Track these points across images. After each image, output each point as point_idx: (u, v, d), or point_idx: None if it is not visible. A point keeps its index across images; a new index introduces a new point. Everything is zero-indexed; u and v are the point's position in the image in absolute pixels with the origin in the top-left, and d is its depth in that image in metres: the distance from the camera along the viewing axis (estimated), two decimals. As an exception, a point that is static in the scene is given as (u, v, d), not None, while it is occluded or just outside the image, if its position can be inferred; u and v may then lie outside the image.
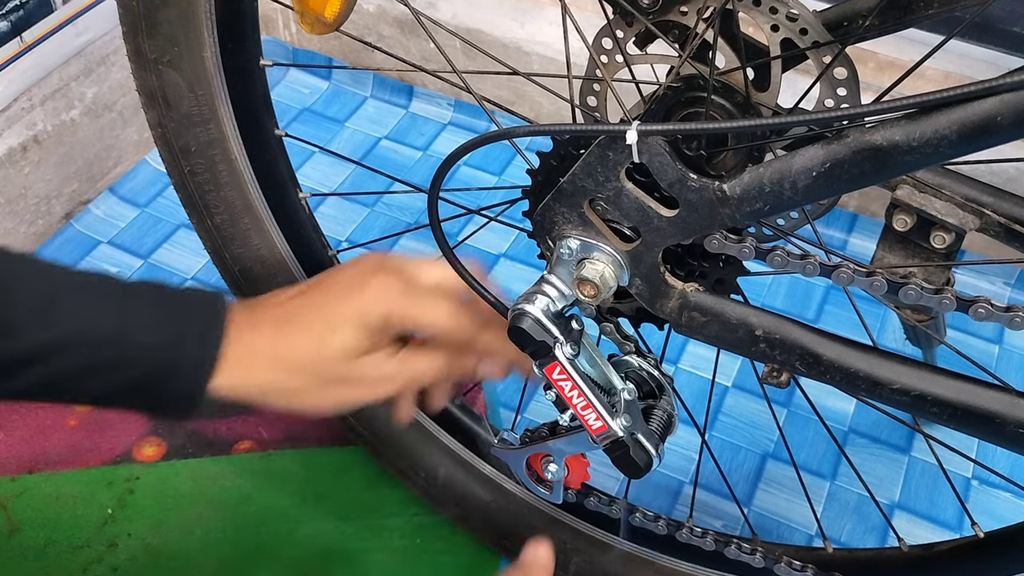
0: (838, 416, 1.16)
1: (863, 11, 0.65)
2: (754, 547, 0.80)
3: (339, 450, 1.11)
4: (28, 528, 1.04)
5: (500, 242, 1.33)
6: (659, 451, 0.66)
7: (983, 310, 0.57)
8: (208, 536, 1.04)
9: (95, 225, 1.36)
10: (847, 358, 0.61)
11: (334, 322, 0.68)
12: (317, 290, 0.71)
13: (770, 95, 0.64)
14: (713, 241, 0.60)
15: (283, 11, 1.58)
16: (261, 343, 0.69)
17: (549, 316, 0.62)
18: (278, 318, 0.70)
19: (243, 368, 0.69)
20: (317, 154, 1.44)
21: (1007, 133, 0.49)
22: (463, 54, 1.43)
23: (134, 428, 1.12)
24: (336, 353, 0.69)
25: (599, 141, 0.59)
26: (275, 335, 0.69)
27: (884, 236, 0.76)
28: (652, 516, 0.82)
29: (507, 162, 1.45)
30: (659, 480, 1.10)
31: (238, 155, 0.83)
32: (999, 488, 1.10)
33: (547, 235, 0.64)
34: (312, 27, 0.70)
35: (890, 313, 1.24)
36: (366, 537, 1.04)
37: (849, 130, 0.53)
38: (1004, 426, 0.58)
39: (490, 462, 0.97)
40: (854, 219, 1.37)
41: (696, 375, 1.19)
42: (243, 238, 0.88)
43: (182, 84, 0.78)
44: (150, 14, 0.75)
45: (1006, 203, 0.74)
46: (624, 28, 0.67)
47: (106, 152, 1.41)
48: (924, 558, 0.80)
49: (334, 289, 0.70)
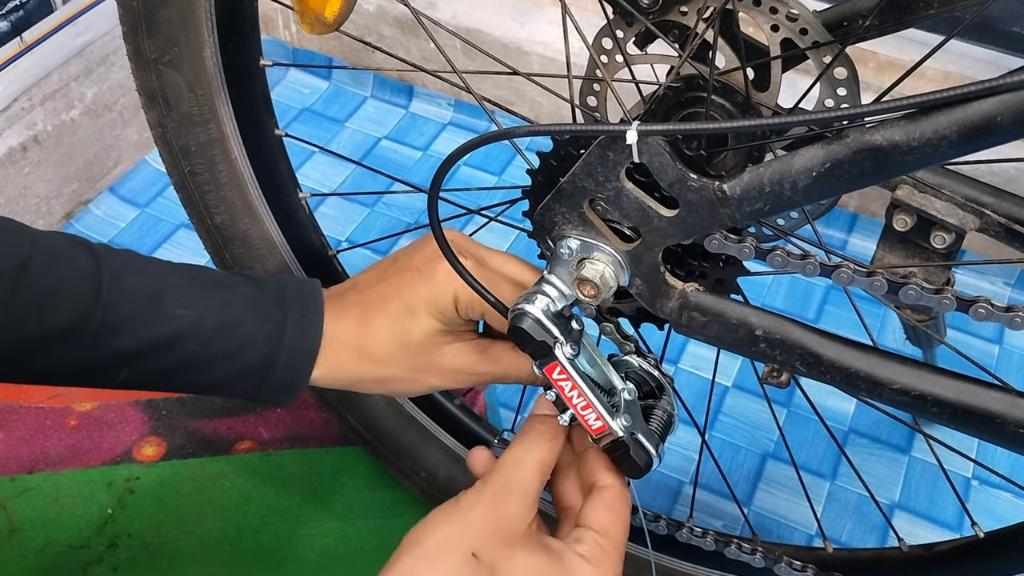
0: (838, 416, 1.16)
1: (863, 11, 0.65)
2: (754, 547, 0.80)
3: (339, 450, 1.11)
4: (28, 528, 1.04)
5: (500, 242, 1.33)
6: (659, 451, 0.66)
7: (983, 310, 0.57)
8: (208, 536, 1.04)
9: (95, 225, 1.36)
10: (847, 358, 0.61)
11: (411, 308, 0.69)
12: (394, 273, 0.71)
13: (770, 95, 0.64)
14: (713, 241, 0.60)
15: (283, 11, 1.58)
16: (348, 333, 0.70)
17: (549, 316, 0.62)
18: (361, 304, 0.71)
19: (335, 358, 0.70)
20: (317, 154, 1.44)
21: (1007, 133, 0.49)
22: (463, 54, 1.43)
23: (134, 428, 1.12)
24: (418, 340, 0.69)
25: (599, 141, 0.59)
26: (360, 324, 0.70)
27: (884, 236, 0.76)
28: (652, 516, 0.82)
29: (507, 162, 1.45)
30: (659, 480, 1.10)
31: (238, 155, 0.83)
32: (999, 488, 1.10)
33: (547, 235, 0.64)
34: (312, 27, 0.70)
35: (890, 313, 1.24)
36: (366, 537, 1.04)
37: (849, 130, 0.53)
38: (1004, 426, 0.58)
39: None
40: (854, 219, 1.37)
41: (696, 375, 1.19)
42: (243, 238, 0.88)
43: (182, 84, 0.78)
44: (150, 14, 0.75)
45: (1006, 203, 0.74)
46: (624, 28, 0.67)
47: (106, 152, 1.41)
48: (924, 558, 0.80)
49: (407, 273, 0.70)
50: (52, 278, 0.64)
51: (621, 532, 0.65)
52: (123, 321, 0.65)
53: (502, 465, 0.64)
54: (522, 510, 0.62)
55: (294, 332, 0.69)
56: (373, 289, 0.71)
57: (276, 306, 0.69)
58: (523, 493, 0.62)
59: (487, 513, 0.61)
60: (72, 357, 0.65)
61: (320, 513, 1.06)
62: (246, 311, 0.68)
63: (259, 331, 0.68)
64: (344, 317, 0.70)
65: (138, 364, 0.67)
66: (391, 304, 0.69)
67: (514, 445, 0.65)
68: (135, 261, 0.69)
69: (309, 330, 0.69)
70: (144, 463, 1.09)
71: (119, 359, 0.66)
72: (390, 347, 0.69)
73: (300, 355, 0.69)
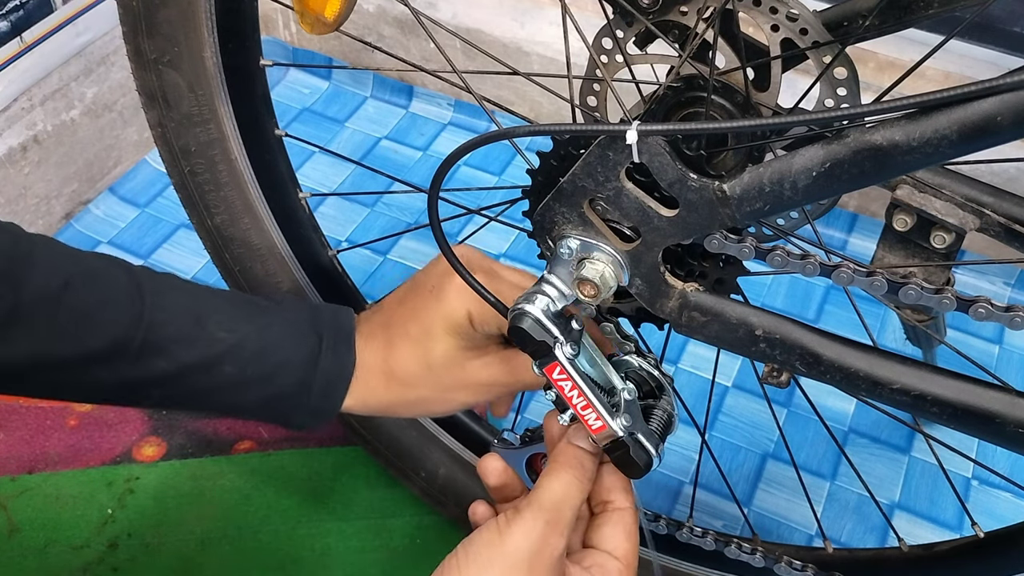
0: (838, 416, 1.16)
1: (863, 11, 0.65)
2: (754, 547, 0.80)
3: (339, 450, 1.11)
4: (28, 528, 1.04)
5: (500, 242, 1.33)
6: (659, 451, 0.66)
7: (983, 310, 0.57)
8: (208, 536, 1.04)
9: (95, 225, 1.36)
10: (847, 358, 0.61)
11: (429, 329, 0.69)
12: (412, 294, 0.71)
13: (770, 95, 0.64)
14: (713, 241, 0.60)
15: (283, 11, 1.58)
16: (376, 359, 0.70)
17: (549, 316, 0.62)
18: (385, 329, 0.71)
19: (365, 384, 0.70)
20: (317, 154, 1.44)
21: (1007, 133, 0.49)
22: (463, 54, 1.43)
23: (134, 428, 1.12)
24: (441, 359, 0.69)
25: (599, 141, 0.59)
26: (385, 349, 0.70)
27: (884, 236, 0.76)
28: (652, 516, 0.82)
29: (507, 162, 1.45)
30: (659, 480, 1.10)
31: (238, 155, 0.83)
32: (999, 488, 1.10)
33: (547, 235, 0.64)
34: (312, 27, 0.70)
35: (890, 313, 1.24)
36: (366, 537, 1.04)
37: (849, 130, 0.53)
38: (1004, 426, 0.58)
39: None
40: (854, 219, 1.37)
41: (696, 375, 1.19)
42: (243, 238, 0.88)
43: (182, 84, 0.78)
44: (150, 14, 0.75)
45: (1006, 203, 0.74)
46: (624, 28, 0.67)
47: (106, 152, 1.41)
48: (924, 558, 0.80)
49: (422, 294, 0.70)
50: (94, 298, 0.64)
51: (636, 558, 0.64)
52: (165, 342, 0.65)
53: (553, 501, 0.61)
54: (563, 544, 0.61)
55: (328, 357, 0.69)
56: (395, 312, 0.71)
57: (312, 331, 0.69)
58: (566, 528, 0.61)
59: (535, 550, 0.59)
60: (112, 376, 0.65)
61: (320, 513, 1.06)
62: (284, 335, 0.68)
63: (296, 355, 0.68)
64: (370, 343, 0.70)
65: (172, 385, 0.67)
66: (411, 326, 0.69)
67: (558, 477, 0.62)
68: (175, 283, 0.69)
69: (343, 355, 0.69)
70: (144, 463, 1.09)
71: (156, 380, 0.66)
72: (415, 369, 0.69)
73: (335, 379, 0.69)
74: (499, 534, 0.60)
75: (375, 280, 1.30)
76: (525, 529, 0.60)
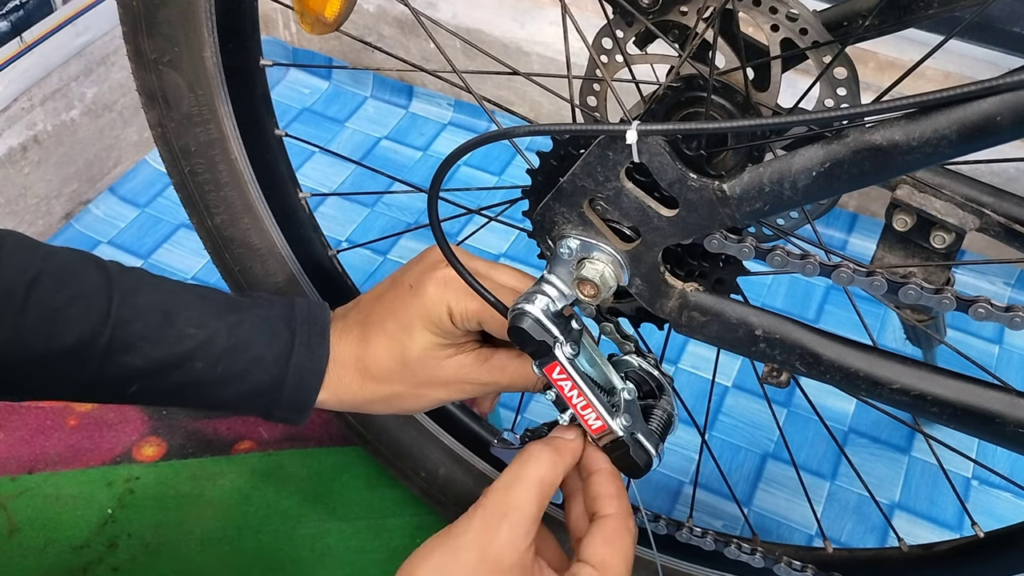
0: (838, 416, 1.16)
1: (863, 11, 0.65)
2: (754, 547, 0.80)
3: (339, 450, 1.11)
4: (28, 528, 1.04)
5: (500, 242, 1.33)
6: (659, 451, 0.66)
7: (983, 310, 0.57)
8: (208, 536, 1.04)
9: (95, 225, 1.36)
10: (847, 358, 0.61)
11: (407, 325, 0.68)
12: (391, 290, 0.71)
13: (770, 95, 0.64)
14: (713, 241, 0.60)
15: (283, 11, 1.58)
16: (350, 354, 0.70)
17: (549, 316, 0.62)
18: (361, 325, 0.71)
19: (339, 380, 0.70)
20: (317, 154, 1.44)
21: (1007, 133, 0.49)
22: (463, 54, 1.43)
23: (134, 428, 1.12)
24: (417, 356, 0.68)
25: (599, 141, 0.59)
26: (360, 345, 0.70)
27: (884, 236, 0.76)
28: (652, 516, 0.82)
29: (507, 162, 1.45)
30: (659, 480, 1.10)
31: (238, 155, 0.83)
32: (999, 488, 1.10)
33: (547, 235, 0.64)
34: (312, 27, 0.70)
35: (890, 313, 1.24)
36: (366, 537, 1.04)
37: (849, 130, 0.53)
38: (1004, 426, 0.58)
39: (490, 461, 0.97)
40: (854, 219, 1.37)
41: (696, 375, 1.19)
42: (243, 238, 0.88)
43: (182, 84, 0.78)
44: (150, 14, 0.75)
45: (1006, 203, 0.74)
46: (624, 28, 0.67)
47: (106, 152, 1.41)
48: (924, 558, 0.80)
49: (401, 290, 0.70)
50: (62, 295, 0.64)
51: (621, 563, 0.62)
52: (133, 339, 0.65)
53: (494, 488, 0.61)
54: (514, 537, 0.59)
55: (301, 352, 0.69)
56: (372, 308, 0.71)
57: (285, 326, 0.69)
58: (518, 518, 0.59)
59: (474, 543, 0.58)
60: (80, 374, 0.65)
61: (320, 513, 1.06)
62: (256, 331, 0.68)
63: (268, 351, 0.68)
64: (345, 338, 0.70)
65: (146, 381, 0.67)
66: (388, 322, 0.69)
67: (509, 466, 0.62)
68: (147, 279, 0.68)
69: (316, 349, 0.69)
70: (144, 463, 1.09)
71: (128, 376, 0.66)
72: (390, 365, 0.69)
73: (308, 374, 0.69)
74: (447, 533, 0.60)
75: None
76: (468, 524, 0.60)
